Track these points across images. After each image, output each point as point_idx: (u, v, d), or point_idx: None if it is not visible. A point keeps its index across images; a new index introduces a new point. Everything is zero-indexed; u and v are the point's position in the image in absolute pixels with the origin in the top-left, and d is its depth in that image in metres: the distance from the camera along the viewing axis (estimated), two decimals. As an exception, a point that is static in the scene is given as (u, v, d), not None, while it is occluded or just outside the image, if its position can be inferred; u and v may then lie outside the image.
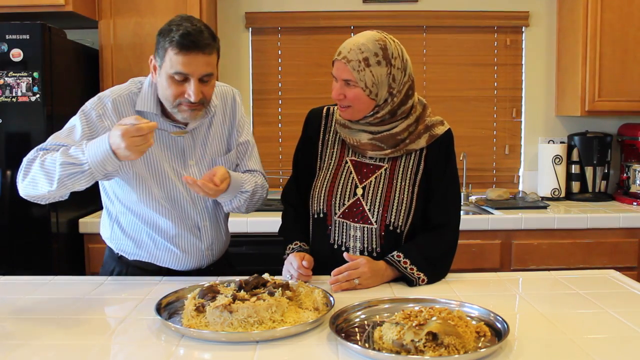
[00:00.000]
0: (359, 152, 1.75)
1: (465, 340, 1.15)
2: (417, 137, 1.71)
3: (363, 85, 1.62)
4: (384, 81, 1.63)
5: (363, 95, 1.63)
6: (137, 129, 1.43)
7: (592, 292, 1.58)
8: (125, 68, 3.13)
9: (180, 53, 1.56)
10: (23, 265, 2.67)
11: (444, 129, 1.75)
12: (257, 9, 3.53)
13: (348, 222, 1.72)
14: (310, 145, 1.84)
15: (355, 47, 1.62)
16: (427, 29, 3.59)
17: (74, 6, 2.87)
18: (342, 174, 1.75)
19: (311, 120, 1.86)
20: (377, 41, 1.63)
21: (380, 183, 1.72)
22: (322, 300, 1.41)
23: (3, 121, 2.68)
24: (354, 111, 1.67)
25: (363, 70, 1.61)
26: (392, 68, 1.64)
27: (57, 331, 1.32)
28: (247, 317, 1.26)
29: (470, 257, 2.93)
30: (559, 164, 3.45)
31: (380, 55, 1.62)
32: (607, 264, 2.85)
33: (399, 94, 1.67)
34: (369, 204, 1.70)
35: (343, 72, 1.63)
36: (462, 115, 3.62)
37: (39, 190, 1.60)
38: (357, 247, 1.72)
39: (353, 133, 1.74)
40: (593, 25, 3.19)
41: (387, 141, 1.70)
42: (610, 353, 1.19)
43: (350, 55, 1.62)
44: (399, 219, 1.70)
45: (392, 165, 1.73)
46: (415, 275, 1.65)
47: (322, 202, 1.74)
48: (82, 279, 1.81)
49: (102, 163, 1.50)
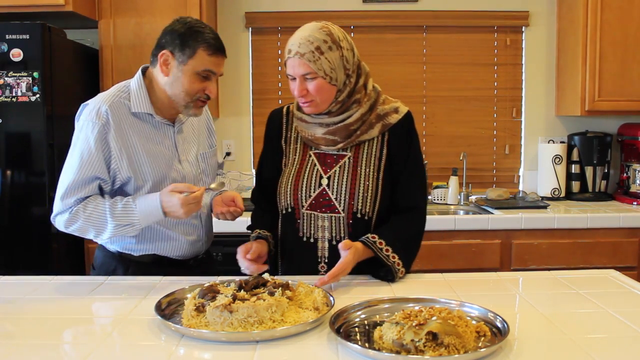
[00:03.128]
0: (314, 145, 1.78)
1: (465, 340, 1.15)
2: (369, 128, 1.73)
3: (323, 74, 1.64)
4: (339, 64, 1.67)
5: (325, 83, 1.65)
6: (194, 197, 1.64)
7: (592, 292, 1.58)
8: (125, 68, 3.13)
9: (214, 54, 1.72)
10: (23, 265, 2.67)
11: (398, 117, 1.77)
12: (257, 8, 3.54)
13: (316, 213, 1.74)
14: (274, 146, 1.86)
15: (304, 40, 1.64)
16: (427, 29, 3.59)
17: (74, 6, 2.87)
18: (306, 167, 1.77)
19: (272, 121, 1.89)
20: (321, 29, 1.66)
21: (344, 171, 1.74)
22: (322, 300, 1.41)
23: (3, 121, 2.68)
24: (318, 104, 1.69)
25: (318, 59, 1.63)
26: (342, 50, 1.67)
27: (57, 331, 1.32)
28: (247, 317, 1.26)
29: (470, 257, 2.93)
30: (559, 164, 3.45)
31: (329, 40, 1.65)
32: (607, 264, 2.85)
33: (354, 74, 1.71)
34: (334, 193, 1.73)
35: (300, 67, 1.64)
36: (462, 115, 3.62)
37: (87, 236, 1.77)
38: (325, 237, 1.75)
39: (309, 127, 1.76)
40: (593, 25, 3.19)
41: (340, 133, 1.72)
42: (610, 353, 1.19)
43: (301, 49, 1.63)
44: (365, 206, 1.73)
45: (355, 153, 1.76)
46: (391, 258, 1.66)
47: (289, 197, 1.77)
48: (82, 279, 1.80)
49: (151, 220, 1.71)
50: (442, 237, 2.94)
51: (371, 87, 1.77)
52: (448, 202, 3.43)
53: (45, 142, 2.69)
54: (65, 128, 2.84)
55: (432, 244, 2.92)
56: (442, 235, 2.94)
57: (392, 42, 3.59)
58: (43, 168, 2.70)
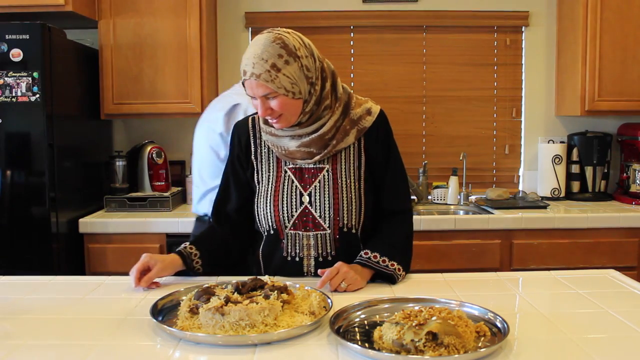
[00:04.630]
0: (288, 160, 1.69)
1: (465, 340, 1.15)
2: (344, 135, 1.66)
3: (284, 91, 1.54)
4: (299, 76, 1.55)
5: (288, 100, 1.55)
6: None
7: (592, 291, 1.58)
8: (125, 68, 3.13)
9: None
10: (23, 265, 2.67)
11: (372, 120, 1.69)
12: (257, 9, 3.54)
13: (301, 233, 1.68)
14: (242, 163, 1.77)
15: (257, 59, 1.51)
16: (427, 29, 3.59)
17: (73, 6, 2.88)
18: (283, 185, 1.69)
19: (238, 136, 1.77)
20: (274, 42, 1.53)
21: (325, 186, 1.67)
22: (319, 304, 1.38)
23: (3, 121, 2.68)
24: (287, 117, 1.59)
25: (276, 77, 1.52)
26: (300, 60, 1.55)
27: (57, 331, 1.32)
28: (239, 320, 1.24)
29: (470, 257, 2.93)
30: (559, 164, 3.45)
31: (285, 53, 1.53)
32: (607, 264, 2.85)
33: (317, 80, 1.60)
34: (318, 211, 1.67)
35: (258, 89, 1.54)
36: (462, 115, 3.62)
37: None
38: (311, 255, 1.69)
39: (280, 141, 1.67)
40: (593, 25, 3.19)
41: (315, 144, 1.64)
42: (610, 353, 1.19)
43: (256, 69, 1.51)
44: (351, 219, 1.68)
45: (333, 164, 1.69)
46: (390, 266, 1.64)
47: (270, 219, 1.70)
48: (82, 279, 1.81)
49: None
50: (442, 237, 2.94)
51: (341, 89, 1.67)
52: (448, 202, 3.43)
53: (45, 142, 2.69)
54: (65, 128, 2.85)
55: (432, 244, 2.92)
56: (442, 235, 2.94)
57: (392, 42, 3.59)
58: (43, 168, 2.70)
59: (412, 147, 3.61)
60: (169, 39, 3.11)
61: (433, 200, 3.47)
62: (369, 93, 3.52)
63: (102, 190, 3.23)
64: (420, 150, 3.64)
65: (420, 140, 3.64)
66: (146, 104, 3.18)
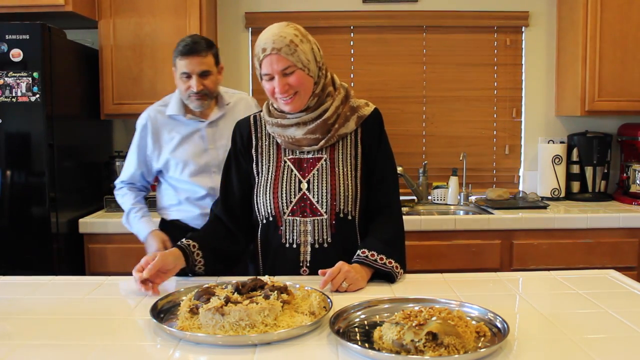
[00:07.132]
0: (295, 148, 1.77)
1: (465, 340, 1.15)
2: (345, 121, 1.76)
3: (301, 65, 1.66)
4: (312, 57, 1.69)
5: (304, 75, 1.67)
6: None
7: (592, 292, 1.58)
8: (125, 68, 3.13)
9: (183, 58, 2.19)
10: (23, 265, 2.67)
11: (370, 110, 1.80)
12: (257, 9, 3.54)
13: (298, 219, 1.74)
14: (243, 156, 1.84)
15: (277, 36, 1.64)
16: (427, 29, 3.59)
17: (73, 6, 2.88)
18: (283, 174, 1.76)
19: (240, 132, 1.87)
20: (288, 26, 1.68)
21: (323, 173, 1.74)
22: (319, 305, 1.38)
23: (3, 121, 2.68)
24: (301, 96, 1.69)
25: (294, 51, 1.64)
26: (311, 43, 1.71)
27: (57, 331, 1.32)
28: (238, 320, 1.24)
29: (470, 257, 2.93)
30: (559, 164, 3.45)
31: (299, 34, 1.68)
32: (607, 264, 2.85)
33: (324, 67, 1.75)
34: (316, 196, 1.73)
35: (278, 63, 1.64)
36: (462, 115, 3.63)
37: None
38: (308, 242, 1.74)
39: (287, 130, 1.75)
40: (593, 25, 3.19)
41: (320, 129, 1.73)
42: (610, 353, 1.19)
43: (276, 44, 1.63)
44: (347, 205, 1.74)
45: (330, 154, 1.76)
46: (388, 264, 1.67)
47: (268, 206, 1.75)
48: (82, 279, 1.81)
49: None
50: (442, 237, 2.94)
51: (339, 82, 1.80)
52: (448, 202, 3.43)
53: (45, 142, 2.69)
54: (65, 128, 2.85)
55: (432, 244, 2.93)
56: (442, 235, 2.94)
57: (392, 42, 3.59)
58: (43, 168, 2.70)
59: (412, 147, 3.62)
60: (169, 39, 3.10)
61: (433, 201, 3.47)
62: (369, 93, 3.56)
63: (102, 190, 3.23)
64: (420, 150, 3.64)
65: (420, 141, 3.64)
66: (146, 104, 3.14)
